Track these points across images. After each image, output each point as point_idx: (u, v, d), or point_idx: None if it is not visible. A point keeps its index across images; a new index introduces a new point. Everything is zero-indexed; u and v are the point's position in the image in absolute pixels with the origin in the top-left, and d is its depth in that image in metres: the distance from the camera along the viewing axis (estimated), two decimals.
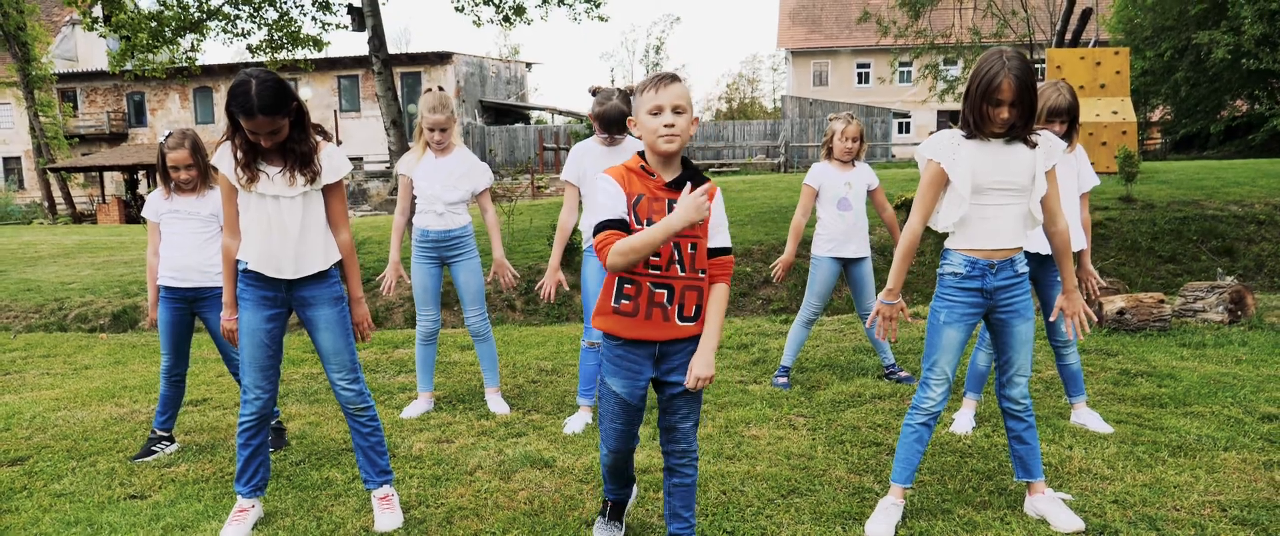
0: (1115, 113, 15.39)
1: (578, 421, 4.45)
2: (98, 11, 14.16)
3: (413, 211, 4.70)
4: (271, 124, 2.97)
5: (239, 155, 3.07)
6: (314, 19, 13.87)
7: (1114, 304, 6.47)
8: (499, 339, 6.99)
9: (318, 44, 13.91)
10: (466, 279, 4.72)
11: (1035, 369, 5.40)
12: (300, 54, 14.26)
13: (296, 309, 3.26)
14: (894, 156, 34.11)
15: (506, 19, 14.07)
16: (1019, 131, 2.97)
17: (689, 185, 2.63)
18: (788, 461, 3.87)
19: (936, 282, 3.18)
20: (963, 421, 4.29)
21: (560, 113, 40.49)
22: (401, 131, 12.92)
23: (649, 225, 2.60)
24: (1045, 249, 4.00)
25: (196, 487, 3.80)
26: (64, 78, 39.85)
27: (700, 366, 2.67)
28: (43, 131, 33.37)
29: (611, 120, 4.21)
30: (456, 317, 8.78)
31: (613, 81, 18.04)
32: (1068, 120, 3.94)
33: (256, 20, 13.60)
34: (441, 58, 38.13)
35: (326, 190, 3.21)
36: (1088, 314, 3.28)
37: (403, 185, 4.70)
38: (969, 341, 3.23)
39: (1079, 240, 4.11)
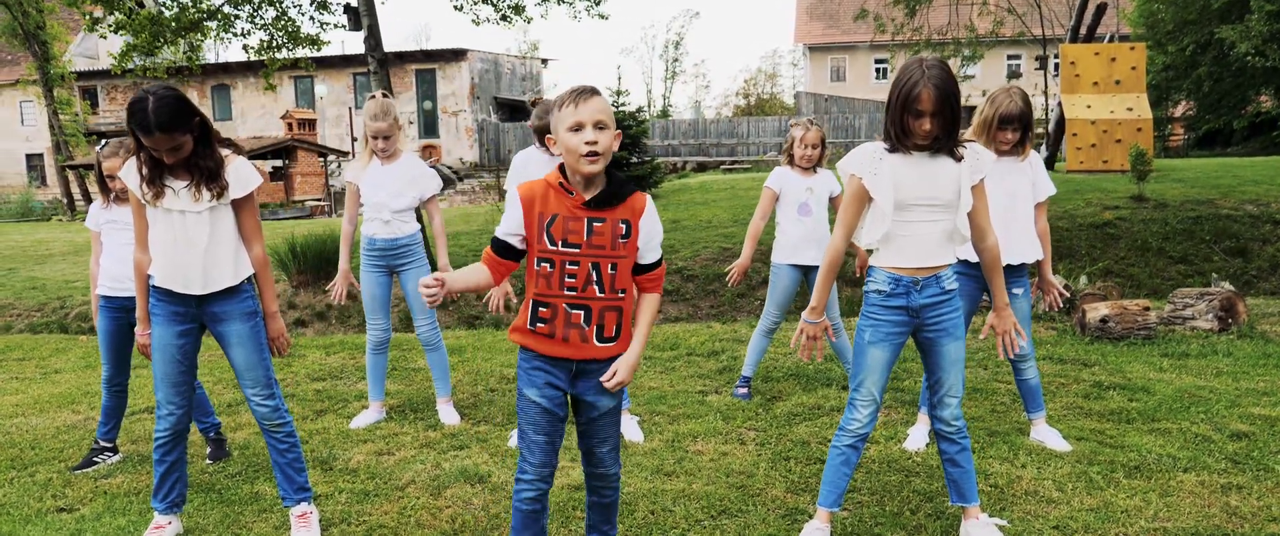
0: (1130, 109, 15.13)
1: None
2: (98, 13, 14.20)
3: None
4: (170, 141, 2.90)
5: (144, 171, 3.01)
6: (312, 18, 13.85)
7: (1097, 311, 6.31)
8: (470, 344, 6.93)
9: (315, 43, 13.88)
10: (415, 288, 4.64)
11: (1002, 380, 5.26)
12: (300, 53, 14.24)
13: (208, 324, 3.20)
14: None
15: (505, 17, 13.98)
16: (943, 144, 2.85)
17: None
18: (726, 479, 3.76)
19: (863, 300, 3.07)
20: (916, 438, 4.17)
21: None
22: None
23: (564, 246, 2.50)
24: (1015, 258, 3.88)
25: (126, 500, 3.75)
26: (85, 76, 40.27)
27: (623, 370, 2.59)
28: (61, 129, 33.76)
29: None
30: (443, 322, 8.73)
31: (619, 79, 17.92)
32: (1020, 128, 3.80)
33: (255, 20, 13.59)
34: (456, 55, 38.15)
35: (237, 204, 3.14)
36: (1019, 332, 3.16)
37: (350, 192, 4.64)
38: (896, 361, 3.11)
39: (1035, 251, 3.97)
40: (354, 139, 31.76)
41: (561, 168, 2.58)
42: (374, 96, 4.49)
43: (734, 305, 9.63)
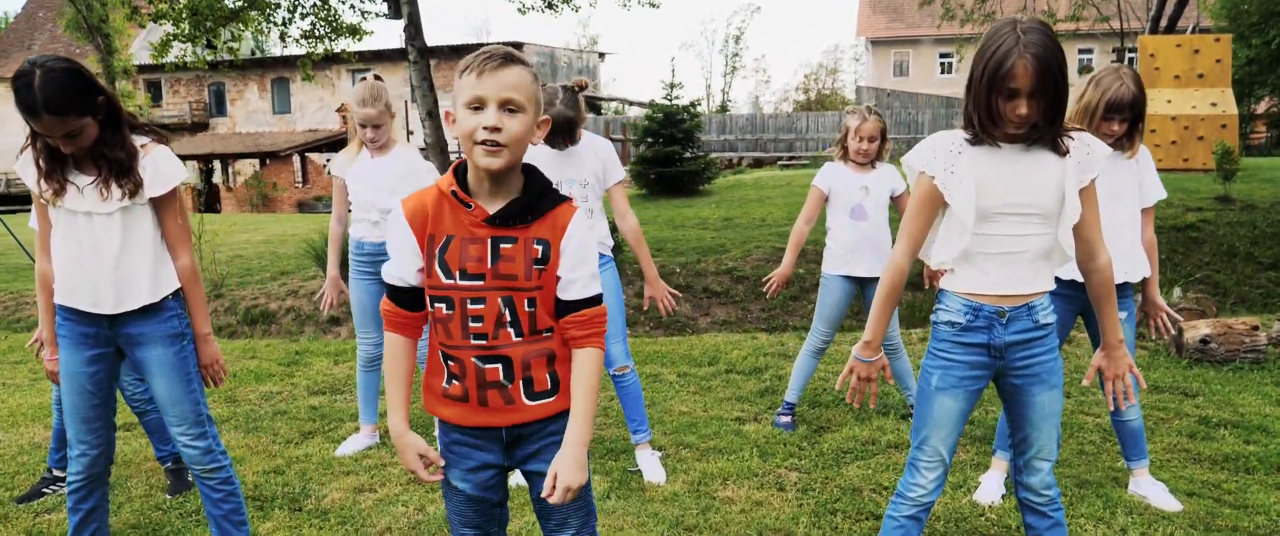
0: (1214, 105, 14.11)
1: None
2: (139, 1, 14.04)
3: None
4: (64, 125, 2.35)
5: (41, 163, 2.47)
6: (352, 6, 13.46)
7: (1197, 330, 5.50)
8: None
9: (357, 33, 13.49)
10: None
11: (1091, 412, 4.51)
12: (342, 44, 13.87)
13: (124, 349, 2.65)
14: None
15: (551, 5, 13.44)
16: (1043, 133, 2.17)
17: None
18: None
19: (930, 333, 2.40)
20: (990, 488, 3.48)
21: (632, 103, 39.91)
22: (437, 123, 12.41)
23: (463, 278, 1.85)
24: (1118, 276, 3.16)
25: None
26: (149, 68, 40.88)
27: (566, 472, 1.87)
28: None
29: (556, 128, 3.50)
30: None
31: (673, 72, 17.28)
32: (1130, 117, 3.08)
33: (296, 9, 13.24)
34: (512, 47, 37.90)
35: (156, 204, 2.58)
36: (1135, 377, 2.46)
37: (337, 189, 4.09)
38: (972, 411, 2.43)
39: (1140, 267, 3.25)
40: (409, 132, 31.60)
41: (458, 170, 1.91)
42: (366, 77, 3.93)
43: (786, 309, 8.94)
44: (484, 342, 1.88)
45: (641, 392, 3.89)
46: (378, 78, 3.95)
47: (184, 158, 35.12)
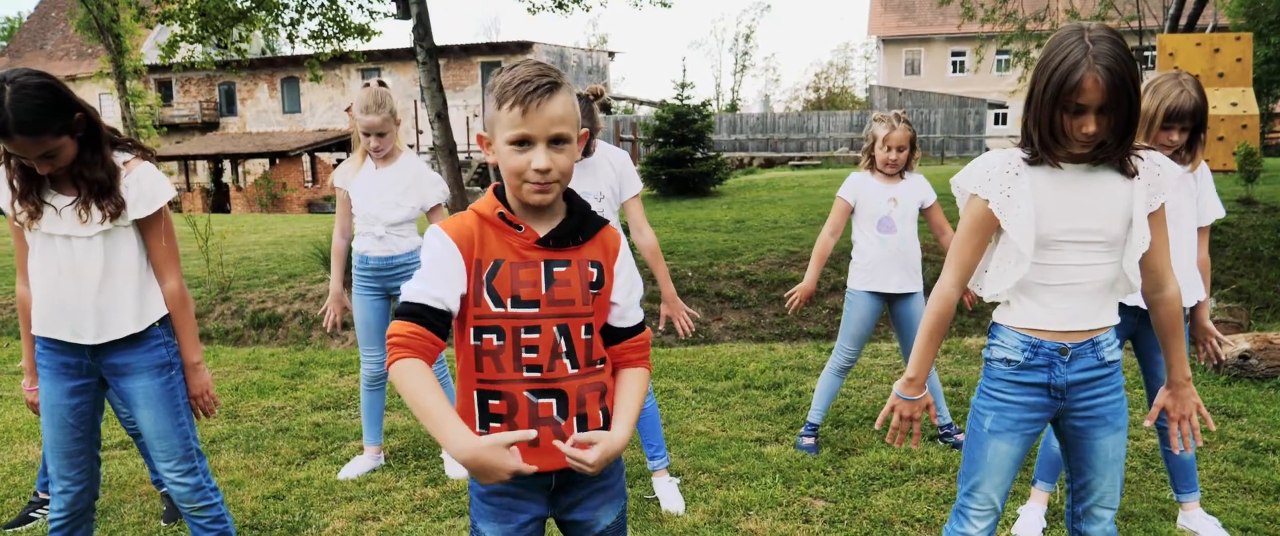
0: (1235, 104, 13.84)
1: None
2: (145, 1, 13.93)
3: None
4: (39, 145, 2.16)
5: (15, 184, 2.29)
6: (360, 6, 13.32)
7: (1236, 345, 5.28)
8: None
9: (365, 33, 13.36)
10: None
11: (1130, 436, 4.29)
12: (350, 45, 13.74)
13: (108, 380, 2.47)
14: (988, 149, 32.22)
15: (561, 5, 13.28)
16: (1110, 152, 1.97)
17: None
18: None
19: (982, 370, 2.20)
20: (1029, 521, 3.27)
21: (642, 103, 39.71)
22: (446, 124, 12.26)
23: (515, 305, 1.70)
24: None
25: None
26: (160, 68, 40.87)
27: (603, 447, 1.70)
28: (134, 121, 34.21)
29: None
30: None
31: (684, 71, 17.08)
32: (1190, 127, 2.87)
33: (304, 9, 13.11)
34: (521, 47, 37.70)
35: (141, 225, 2.40)
36: (1203, 417, 2.24)
37: (340, 201, 3.91)
38: (1028, 455, 2.23)
39: (1196, 292, 3.04)
40: (419, 131, 31.47)
41: (498, 190, 1.76)
42: (368, 84, 3.74)
43: (800, 314, 8.73)
44: (538, 375, 1.72)
45: (659, 415, 3.70)
46: (382, 83, 3.76)
47: (194, 157, 35.13)
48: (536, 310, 1.71)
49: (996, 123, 39.92)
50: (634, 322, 1.84)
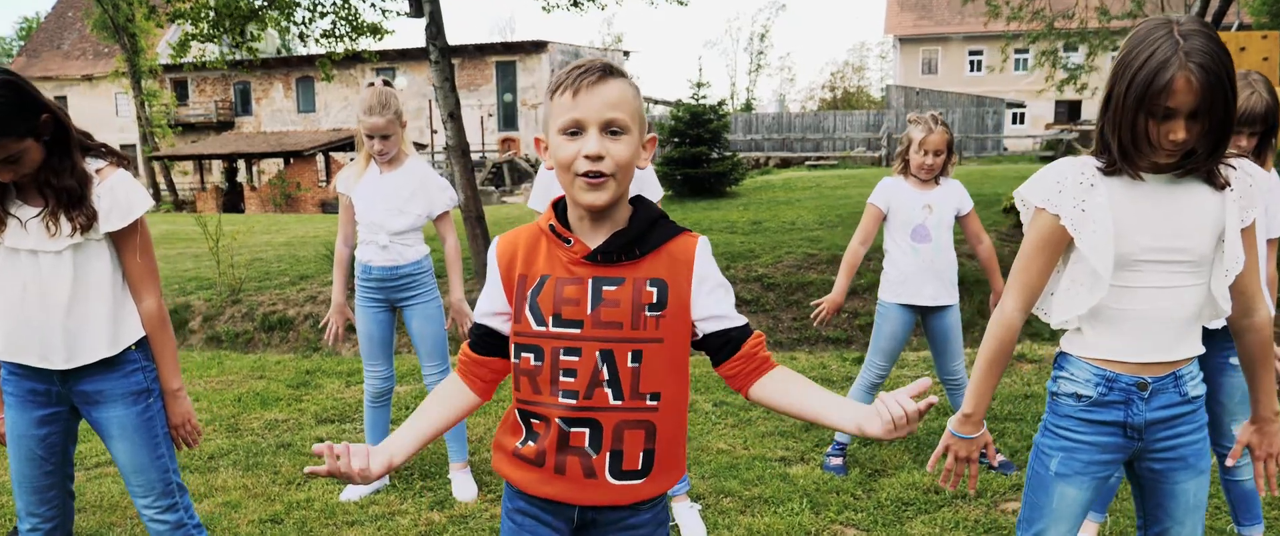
0: None
1: None
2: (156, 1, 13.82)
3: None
4: (0, 149, 1.96)
5: None
6: (373, 5, 13.12)
7: None
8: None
9: (377, 31, 13.15)
10: (421, 327, 3.68)
11: None
12: (363, 44, 13.53)
13: (80, 408, 2.27)
14: (1006, 150, 31.86)
15: (576, 3, 13.04)
16: (1200, 162, 1.73)
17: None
18: None
19: (1047, 405, 1.96)
20: None
21: (657, 102, 39.51)
22: (459, 125, 12.03)
23: (556, 324, 1.55)
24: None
25: None
26: (175, 68, 40.92)
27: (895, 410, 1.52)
28: (149, 120, 34.30)
29: None
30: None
31: (700, 70, 16.84)
32: (1260, 131, 2.62)
33: (316, 8, 12.92)
34: (537, 46, 37.56)
35: (115, 239, 2.20)
36: None
37: (343, 207, 3.70)
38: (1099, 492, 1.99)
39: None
40: (433, 131, 31.34)
41: (557, 204, 1.60)
42: (372, 84, 3.54)
43: (812, 336, 8.49)
44: (574, 401, 1.55)
45: None
46: (387, 83, 3.55)
47: (209, 157, 35.13)
48: (578, 331, 1.56)
49: (1015, 122, 39.48)
50: (726, 326, 1.60)
